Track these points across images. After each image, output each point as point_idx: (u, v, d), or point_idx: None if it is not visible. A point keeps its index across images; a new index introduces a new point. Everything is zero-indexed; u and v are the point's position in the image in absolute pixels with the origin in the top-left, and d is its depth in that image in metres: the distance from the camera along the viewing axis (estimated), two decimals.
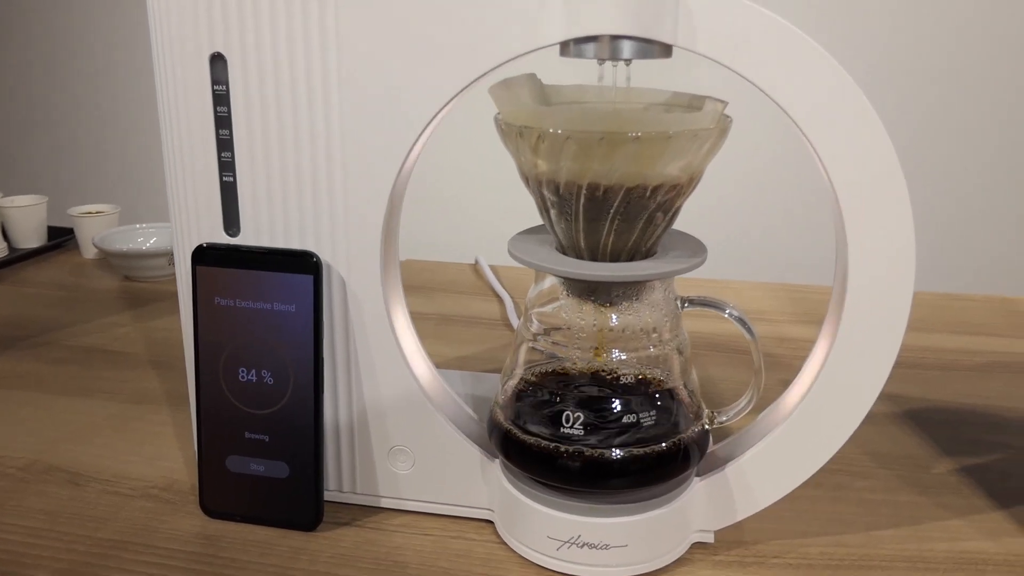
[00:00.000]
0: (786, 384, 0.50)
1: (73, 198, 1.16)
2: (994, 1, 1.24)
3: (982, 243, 1.28)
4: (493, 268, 1.06)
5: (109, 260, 1.02)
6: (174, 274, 0.54)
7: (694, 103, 0.47)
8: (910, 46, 1.26)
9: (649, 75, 0.47)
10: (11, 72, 1.52)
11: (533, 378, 0.49)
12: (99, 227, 1.06)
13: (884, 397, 0.45)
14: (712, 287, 1.00)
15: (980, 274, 1.27)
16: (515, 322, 0.88)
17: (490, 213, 1.31)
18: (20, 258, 1.06)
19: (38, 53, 1.49)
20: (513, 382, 0.50)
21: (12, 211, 1.06)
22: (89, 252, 1.08)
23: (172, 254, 0.95)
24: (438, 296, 0.97)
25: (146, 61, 1.43)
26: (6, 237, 1.07)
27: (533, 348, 0.50)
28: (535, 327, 0.49)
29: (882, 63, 1.27)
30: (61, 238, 1.12)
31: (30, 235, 1.08)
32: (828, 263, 0.46)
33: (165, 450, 0.61)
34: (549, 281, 0.49)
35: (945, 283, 1.14)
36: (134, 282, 1.00)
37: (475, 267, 1.08)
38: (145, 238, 1.05)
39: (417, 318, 0.88)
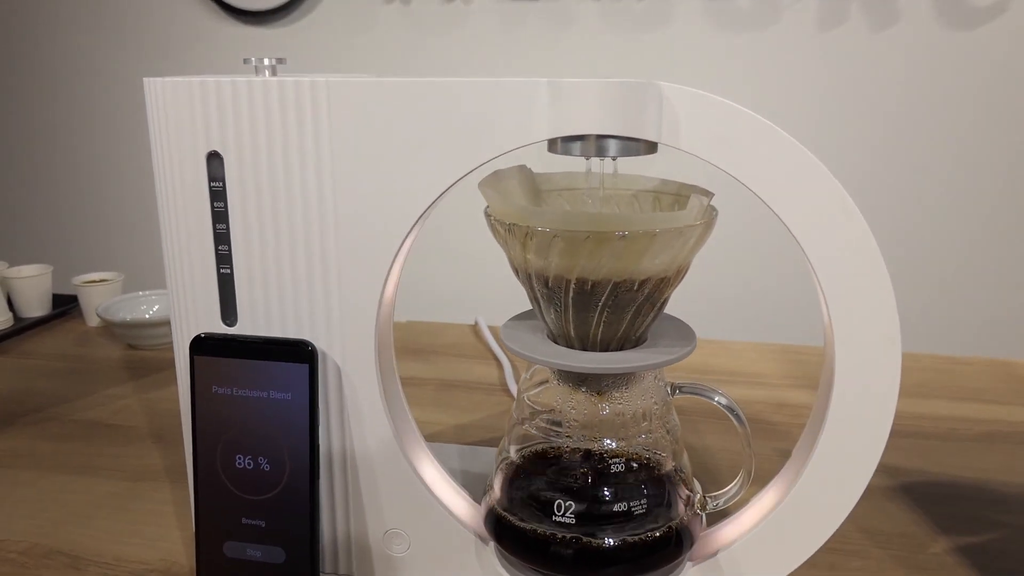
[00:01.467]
0: (782, 454, 0.50)
1: (78, 266, 1.18)
2: (972, 78, 1.26)
3: (984, 303, 1.28)
4: (493, 329, 1.06)
5: (112, 329, 1.03)
6: None
7: (682, 192, 0.48)
8: (895, 119, 1.28)
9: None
10: (16, 147, 1.55)
11: (526, 464, 0.50)
12: (103, 295, 1.07)
13: (880, 469, 0.45)
14: (711, 348, 1.00)
15: (982, 335, 1.27)
16: (513, 387, 0.88)
17: (491, 271, 1.32)
18: (25, 327, 1.07)
19: (42, 128, 1.53)
20: (506, 466, 0.50)
21: (17, 281, 1.07)
22: (93, 320, 1.09)
23: None
24: (438, 360, 0.98)
25: (146, 137, 1.46)
26: (11, 307, 1.08)
27: (526, 432, 0.50)
28: (528, 412, 0.50)
29: (865, 134, 1.29)
30: (66, 306, 1.13)
31: (35, 304, 1.09)
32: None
33: (164, 530, 0.62)
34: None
35: (947, 344, 1.14)
36: (137, 350, 1.00)
37: (475, 328, 1.09)
38: (148, 306, 1.06)
39: (416, 384, 0.88)
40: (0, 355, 1.00)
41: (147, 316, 1.04)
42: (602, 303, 0.44)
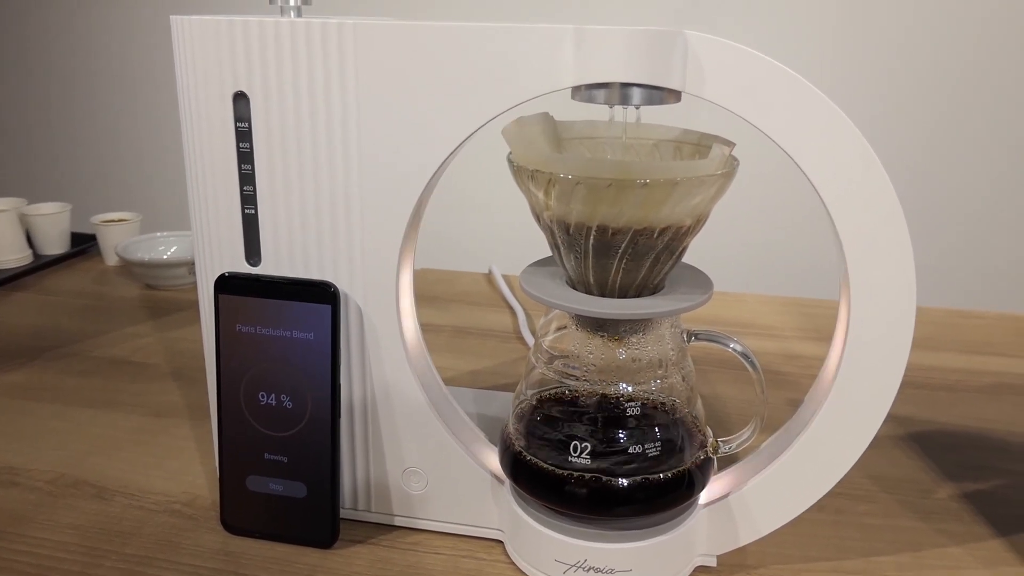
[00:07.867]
0: (792, 404, 0.51)
1: (96, 205, 1.18)
2: (998, 32, 1.24)
3: (993, 257, 1.28)
4: (507, 278, 1.07)
5: (130, 268, 1.04)
6: (194, 283, 0.55)
7: (703, 141, 0.49)
8: (914, 69, 1.27)
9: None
10: (36, 84, 1.54)
11: (543, 406, 0.51)
12: (121, 235, 1.08)
13: (888, 418, 0.46)
14: (723, 301, 1.01)
15: (991, 289, 1.27)
16: (527, 335, 0.89)
17: (505, 220, 1.32)
18: (44, 265, 1.08)
19: (62, 66, 1.52)
20: (523, 408, 0.52)
21: (37, 219, 1.08)
22: (111, 259, 1.10)
23: (192, 264, 0.97)
24: (452, 307, 0.99)
25: (167, 75, 1.45)
26: (31, 244, 1.09)
27: (544, 376, 0.51)
28: (546, 356, 0.51)
29: (887, 83, 1.28)
30: (84, 245, 1.15)
31: (54, 242, 1.10)
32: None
33: (187, 464, 0.64)
34: (559, 311, 0.50)
35: (955, 298, 1.14)
36: (155, 290, 1.02)
37: (489, 276, 1.10)
38: (166, 247, 1.07)
39: (431, 330, 0.89)
40: (20, 291, 1.01)
41: (164, 257, 1.05)
42: (622, 250, 0.45)
